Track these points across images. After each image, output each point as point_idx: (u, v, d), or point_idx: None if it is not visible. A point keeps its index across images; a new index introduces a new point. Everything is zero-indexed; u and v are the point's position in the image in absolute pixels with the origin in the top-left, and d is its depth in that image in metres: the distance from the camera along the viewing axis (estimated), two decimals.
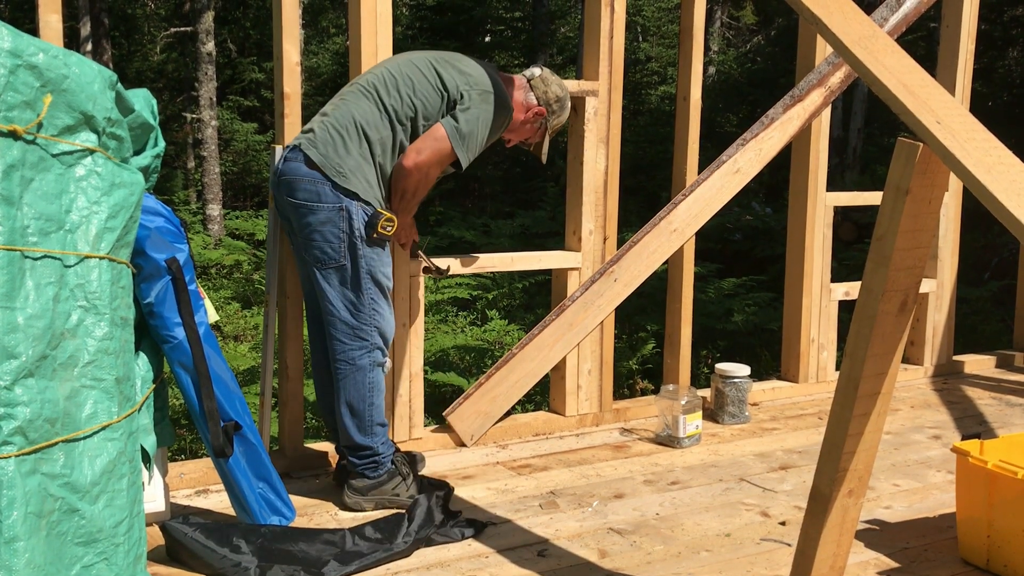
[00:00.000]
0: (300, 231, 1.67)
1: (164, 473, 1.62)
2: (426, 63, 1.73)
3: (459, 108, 1.67)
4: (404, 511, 1.62)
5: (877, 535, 1.64)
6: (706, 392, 2.46)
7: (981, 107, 6.44)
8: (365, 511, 1.69)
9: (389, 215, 1.65)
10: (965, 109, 1.06)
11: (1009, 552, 1.46)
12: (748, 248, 6.08)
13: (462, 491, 1.82)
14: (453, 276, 2.81)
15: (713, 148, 4.00)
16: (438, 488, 1.70)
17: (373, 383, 1.70)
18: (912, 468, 2.03)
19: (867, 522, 1.70)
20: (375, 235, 1.64)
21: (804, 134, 2.49)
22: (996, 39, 7.31)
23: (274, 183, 1.71)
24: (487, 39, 9.54)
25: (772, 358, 3.91)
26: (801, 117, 2.41)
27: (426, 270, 1.98)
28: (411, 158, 1.66)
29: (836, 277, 2.76)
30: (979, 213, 2.43)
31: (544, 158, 1.90)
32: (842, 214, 5.53)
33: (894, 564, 1.53)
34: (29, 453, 1.10)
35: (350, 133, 1.65)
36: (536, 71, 1.84)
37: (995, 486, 1.46)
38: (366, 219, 1.64)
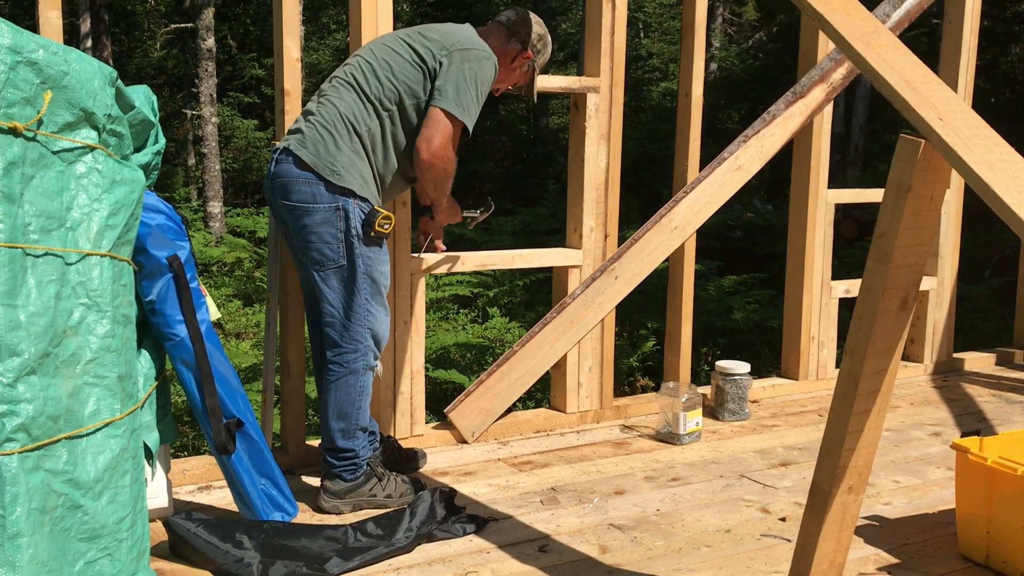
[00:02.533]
0: (296, 233, 1.64)
1: (167, 469, 1.62)
2: (398, 41, 1.69)
3: (441, 76, 1.63)
4: (406, 507, 1.62)
5: (877, 531, 1.65)
6: (706, 389, 2.46)
7: (983, 104, 6.42)
8: (342, 514, 1.68)
9: (387, 213, 1.64)
10: (967, 106, 1.06)
11: (1008, 548, 1.46)
12: (749, 245, 6.07)
13: (463, 488, 1.82)
14: (452, 274, 2.81)
15: (714, 145, 4.00)
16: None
17: (363, 387, 1.68)
18: (912, 465, 2.03)
19: (867, 518, 1.70)
20: (372, 233, 1.62)
21: (806, 131, 2.48)
22: (999, 35, 7.27)
23: (267, 187, 1.68)
24: None
25: (772, 355, 3.91)
26: (803, 114, 2.40)
27: (473, 224, 1.95)
28: (425, 151, 1.63)
29: (837, 274, 2.77)
30: (980, 210, 2.42)
31: (535, 97, 1.88)
32: (843, 211, 5.53)
33: (894, 560, 1.53)
34: (32, 450, 1.10)
35: (339, 130, 1.62)
36: (511, 15, 1.80)
37: (995, 483, 1.46)
38: (363, 217, 1.63)
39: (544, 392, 3.31)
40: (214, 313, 1.56)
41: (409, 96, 1.66)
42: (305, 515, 1.69)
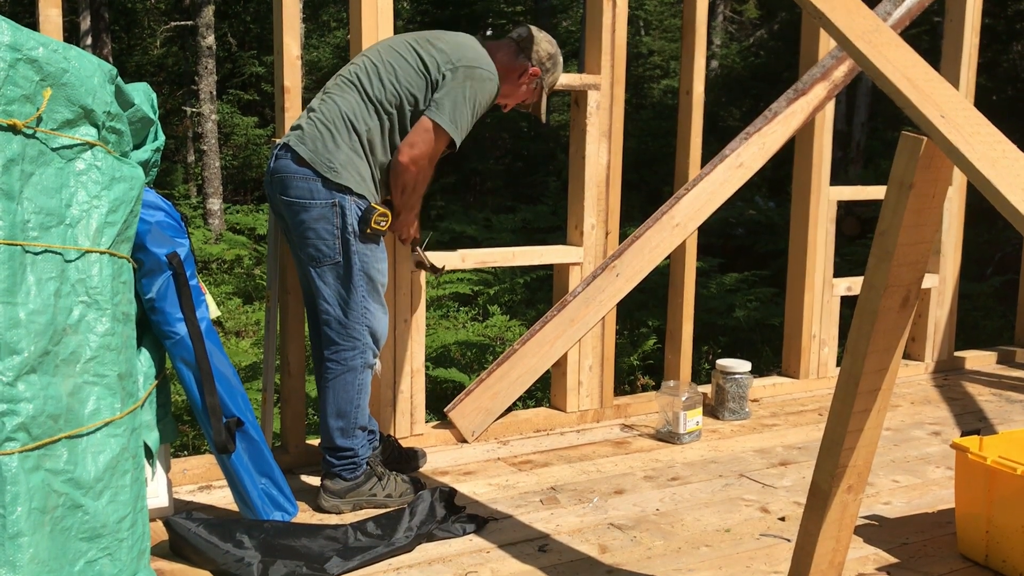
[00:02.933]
0: (294, 229, 1.65)
1: (167, 469, 1.62)
2: (406, 46, 1.70)
3: (441, 89, 1.64)
4: (406, 506, 1.62)
5: (876, 531, 1.65)
6: (707, 388, 2.46)
7: (985, 101, 6.40)
8: (343, 513, 1.68)
9: (383, 210, 1.64)
10: (969, 103, 1.05)
11: (1008, 548, 1.46)
12: (751, 243, 6.07)
13: (463, 487, 1.82)
14: (453, 272, 2.82)
15: (716, 142, 3.99)
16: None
17: (361, 385, 1.68)
18: (912, 464, 2.03)
19: (866, 518, 1.70)
20: (368, 230, 1.63)
21: (807, 128, 2.48)
22: (1000, 33, 7.25)
23: (267, 182, 1.69)
24: (488, 33, 9.50)
25: (773, 354, 3.91)
26: (804, 111, 2.39)
27: (419, 265, 1.95)
28: (405, 153, 1.64)
29: (838, 272, 2.76)
30: (983, 208, 2.42)
31: (544, 117, 1.87)
32: (845, 208, 5.52)
33: (893, 559, 1.53)
34: (32, 449, 1.10)
35: (338, 127, 1.62)
36: (522, 31, 1.80)
37: (994, 482, 1.46)
38: (359, 214, 1.63)
39: (544, 391, 3.32)
40: (214, 311, 1.56)
41: (409, 102, 1.66)
42: (305, 514, 1.69)
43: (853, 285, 2.63)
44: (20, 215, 1.13)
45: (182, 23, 8.43)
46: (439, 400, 3.14)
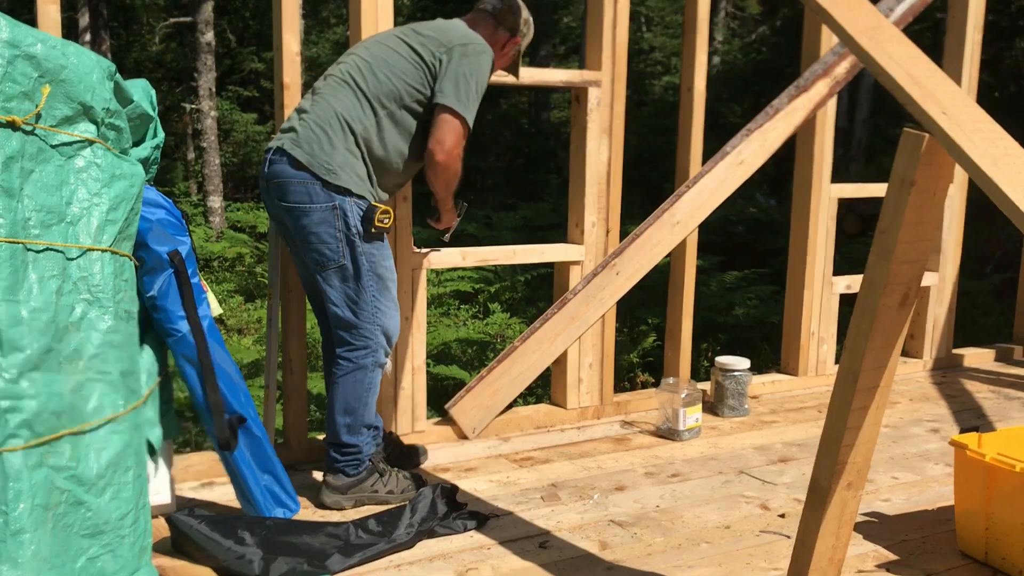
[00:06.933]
0: (296, 234, 1.65)
1: (169, 466, 1.62)
2: (395, 40, 1.70)
3: (441, 75, 1.64)
4: (408, 503, 1.63)
5: (876, 527, 1.65)
6: (706, 385, 2.47)
7: (988, 98, 6.38)
8: (344, 509, 1.69)
9: (385, 207, 1.64)
10: (972, 100, 1.05)
11: (1007, 545, 1.46)
12: (751, 241, 6.07)
13: (464, 484, 1.83)
14: (454, 269, 2.81)
15: (717, 139, 3.97)
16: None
17: (371, 383, 1.69)
18: (911, 461, 2.03)
19: (866, 514, 1.70)
20: (373, 229, 1.63)
21: (809, 125, 2.47)
22: (1003, 29, 7.23)
23: (263, 188, 1.68)
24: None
25: (772, 351, 3.92)
26: (806, 108, 2.39)
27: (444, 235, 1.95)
28: (439, 152, 1.64)
29: (839, 270, 2.76)
30: (984, 205, 2.41)
31: (519, 74, 1.91)
32: (846, 206, 5.52)
33: (893, 556, 1.53)
34: (36, 446, 1.10)
35: (334, 128, 1.62)
36: (495, 2, 1.81)
37: (993, 479, 1.47)
38: (361, 214, 1.63)
39: (545, 388, 3.32)
40: (215, 308, 1.56)
41: (409, 95, 1.66)
42: (307, 510, 1.69)
43: (852, 283, 2.63)
44: (21, 213, 1.13)
45: (181, 19, 8.40)
46: (440, 397, 3.15)
